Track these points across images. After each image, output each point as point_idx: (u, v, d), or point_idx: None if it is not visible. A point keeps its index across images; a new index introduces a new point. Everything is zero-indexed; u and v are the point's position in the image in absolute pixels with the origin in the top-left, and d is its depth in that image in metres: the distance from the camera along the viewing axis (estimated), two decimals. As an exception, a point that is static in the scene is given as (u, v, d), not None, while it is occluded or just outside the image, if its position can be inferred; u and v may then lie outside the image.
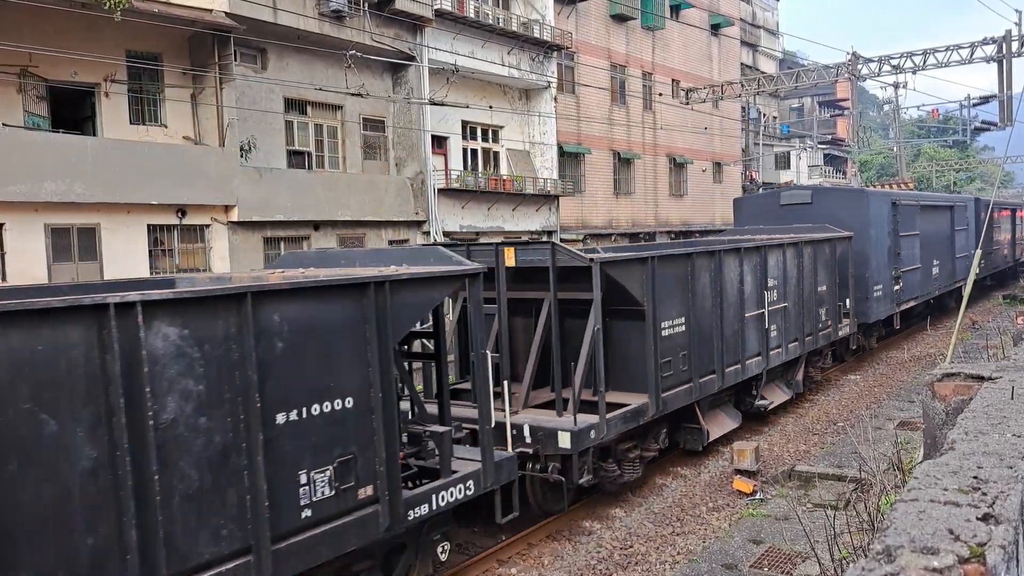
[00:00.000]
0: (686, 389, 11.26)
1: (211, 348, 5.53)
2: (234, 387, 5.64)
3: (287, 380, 6.01)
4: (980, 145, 77.94)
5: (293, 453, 6.02)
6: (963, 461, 1.54)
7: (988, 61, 25.81)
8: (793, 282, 14.75)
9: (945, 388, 2.43)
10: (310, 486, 6.15)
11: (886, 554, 1.14)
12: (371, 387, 6.63)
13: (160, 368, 5.22)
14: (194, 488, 5.39)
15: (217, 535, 5.51)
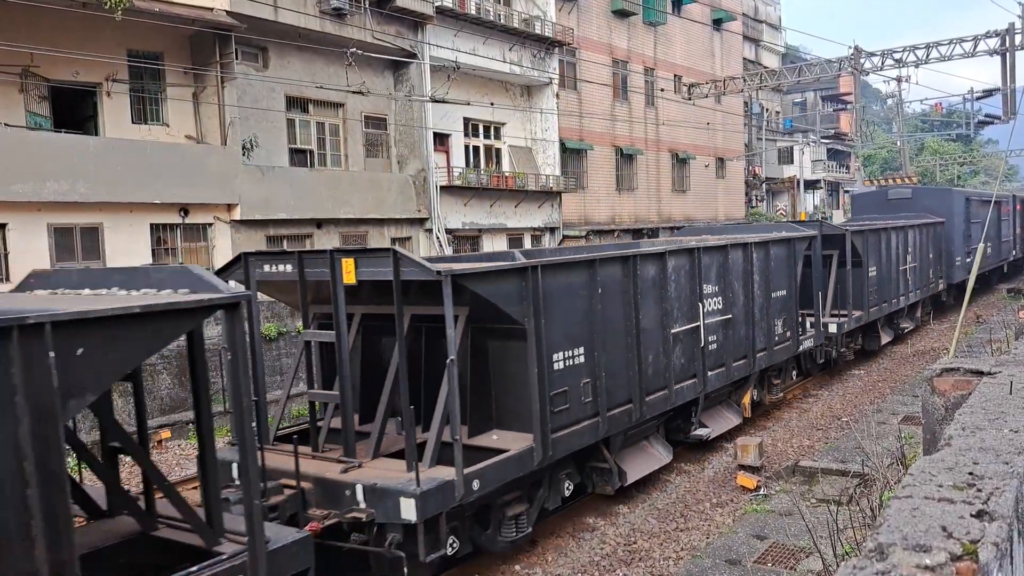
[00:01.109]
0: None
1: None
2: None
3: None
4: (984, 139, 77.70)
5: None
6: (959, 457, 1.54)
7: (991, 54, 25.73)
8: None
9: (944, 383, 2.42)
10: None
11: (878, 552, 1.14)
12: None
13: None
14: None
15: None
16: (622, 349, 9.62)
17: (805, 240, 14.76)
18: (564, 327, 8.60)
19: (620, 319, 9.62)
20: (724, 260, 11.94)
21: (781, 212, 48.21)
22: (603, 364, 9.16)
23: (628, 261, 9.75)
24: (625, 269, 9.70)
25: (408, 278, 7.60)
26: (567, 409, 8.62)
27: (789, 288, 13.66)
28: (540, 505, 8.91)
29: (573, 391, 8.71)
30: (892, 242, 19.10)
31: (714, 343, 11.70)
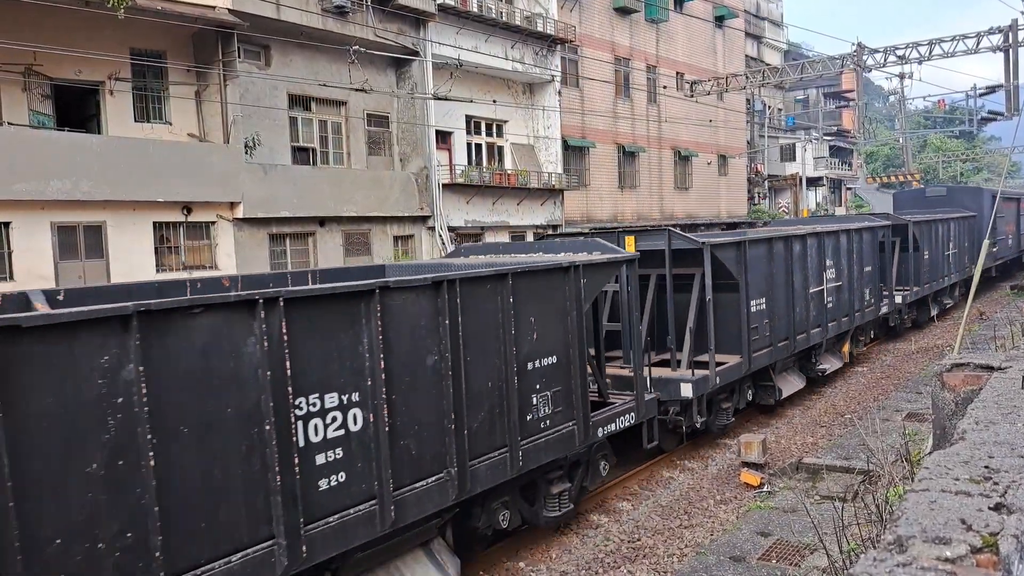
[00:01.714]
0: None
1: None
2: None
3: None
4: (986, 135, 77.59)
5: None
6: (974, 451, 1.54)
7: (994, 51, 25.68)
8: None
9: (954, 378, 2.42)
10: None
11: (898, 544, 1.14)
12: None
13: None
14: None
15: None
16: (783, 301, 13.56)
17: (882, 228, 18.94)
18: (756, 283, 12.69)
19: (782, 280, 13.52)
20: (837, 242, 15.99)
21: (783, 209, 48.16)
22: (774, 310, 13.21)
23: (787, 240, 13.71)
24: (786, 245, 13.72)
25: (676, 247, 11.59)
26: (757, 340, 12.61)
27: (873, 265, 17.14)
28: (736, 404, 12.99)
29: (760, 328, 12.72)
30: (939, 231, 22.87)
31: (831, 302, 15.61)
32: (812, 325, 14.74)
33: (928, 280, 21.63)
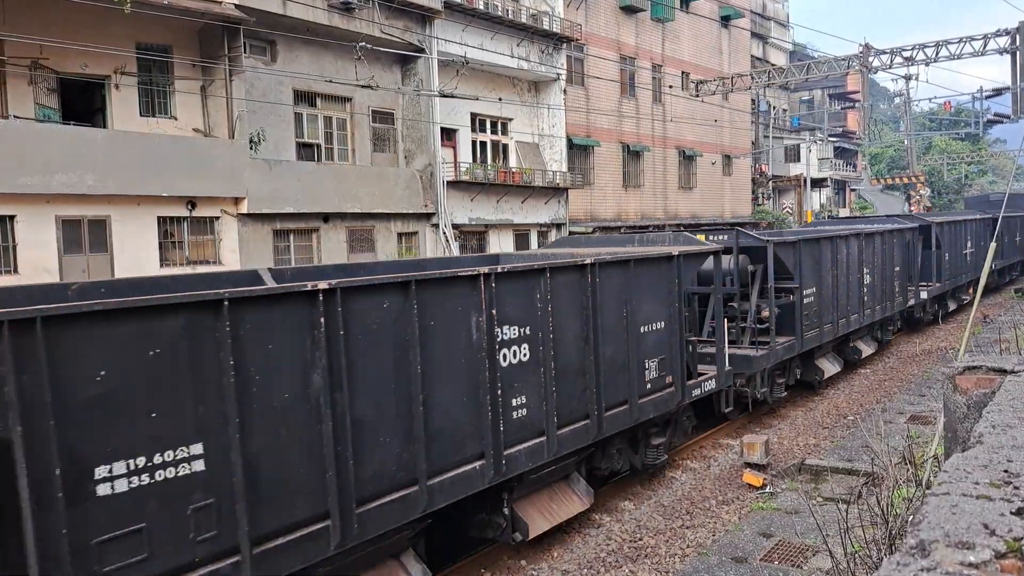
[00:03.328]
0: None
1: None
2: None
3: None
4: (992, 138, 77.35)
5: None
6: (992, 455, 1.53)
7: (1001, 53, 25.62)
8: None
9: (967, 381, 2.41)
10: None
11: (920, 548, 1.13)
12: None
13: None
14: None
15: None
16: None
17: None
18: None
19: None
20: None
21: (787, 210, 48.10)
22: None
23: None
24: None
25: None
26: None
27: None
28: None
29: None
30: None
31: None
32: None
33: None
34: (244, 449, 5.28)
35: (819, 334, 15.16)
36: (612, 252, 10.38)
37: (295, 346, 5.66)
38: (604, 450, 9.72)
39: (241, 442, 5.26)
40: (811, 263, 14.71)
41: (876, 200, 64.76)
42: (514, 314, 7.66)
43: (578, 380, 8.57)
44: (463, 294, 7.17)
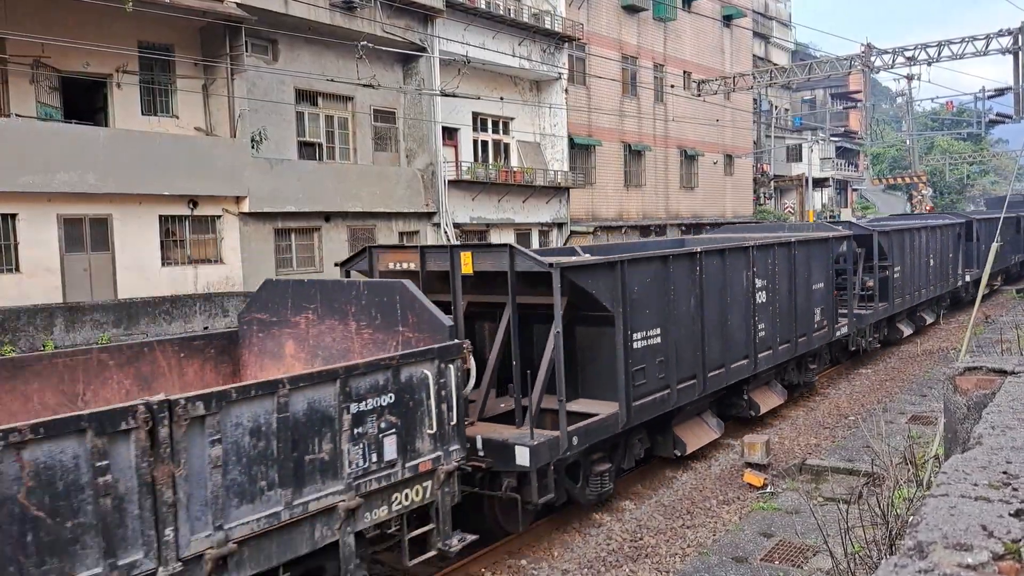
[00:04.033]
0: (900, 302, 17.85)
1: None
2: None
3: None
4: (994, 138, 77.25)
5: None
6: (991, 456, 1.52)
7: (1004, 53, 25.58)
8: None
9: (967, 382, 2.41)
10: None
11: (918, 550, 1.13)
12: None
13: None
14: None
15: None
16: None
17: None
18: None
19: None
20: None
21: (788, 210, 48.06)
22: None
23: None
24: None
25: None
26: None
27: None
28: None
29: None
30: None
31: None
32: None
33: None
34: (672, 335, 10.33)
35: (902, 302, 19.64)
36: (779, 236, 14.88)
37: (687, 283, 10.78)
38: (789, 368, 14.57)
39: (671, 331, 10.31)
40: (899, 248, 19.08)
41: (878, 200, 64.70)
42: (760, 271, 12.59)
43: (787, 317, 13.53)
44: (742, 257, 12.16)
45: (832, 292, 15.42)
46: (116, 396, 7.34)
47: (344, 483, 6.26)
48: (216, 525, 5.38)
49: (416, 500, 6.98)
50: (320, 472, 6.09)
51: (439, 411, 7.10)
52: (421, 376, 6.93)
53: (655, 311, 9.98)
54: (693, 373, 10.78)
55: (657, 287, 10.04)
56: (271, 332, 8.72)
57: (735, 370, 11.83)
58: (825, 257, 15.15)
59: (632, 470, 10.91)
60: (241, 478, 5.56)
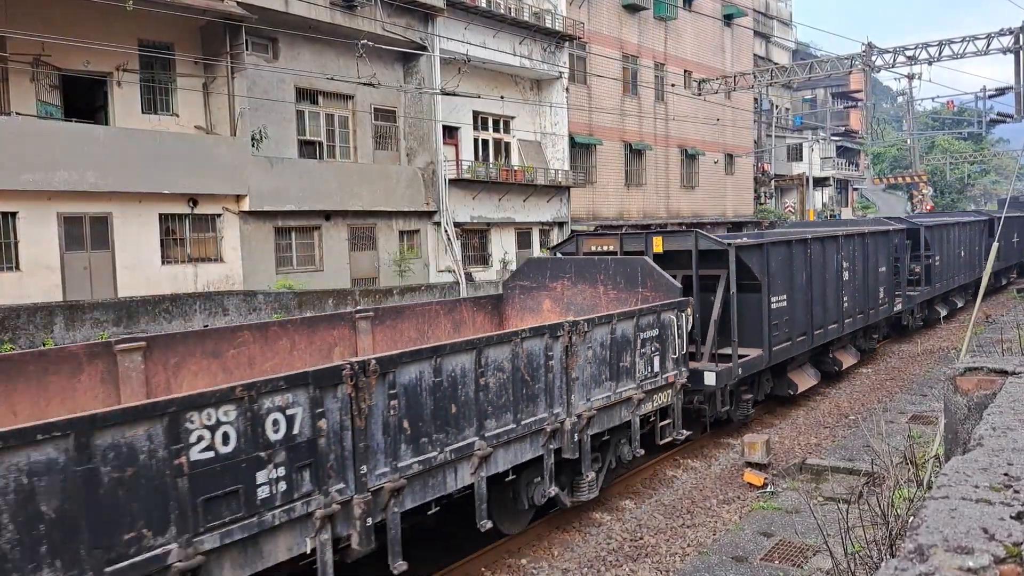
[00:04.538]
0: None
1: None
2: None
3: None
4: (995, 138, 77.18)
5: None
6: (992, 458, 1.51)
7: (1004, 52, 25.54)
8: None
9: (968, 382, 2.40)
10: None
11: (918, 553, 1.12)
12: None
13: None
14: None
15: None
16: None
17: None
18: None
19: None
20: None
21: (789, 209, 48.03)
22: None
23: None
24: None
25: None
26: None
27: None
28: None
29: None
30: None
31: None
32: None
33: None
34: (793, 300, 13.52)
35: (941, 286, 22.67)
36: (853, 229, 17.68)
37: (802, 261, 13.99)
38: (859, 335, 17.75)
39: (793, 297, 13.47)
40: (938, 241, 22.12)
41: (878, 199, 64.67)
42: (845, 255, 15.85)
43: (862, 293, 16.71)
44: (834, 244, 15.38)
45: (892, 275, 18.75)
46: (445, 333, 11.35)
47: (636, 383, 9.83)
48: (582, 400, 8.92)
49: (663, 401, 10.58)
50: (626, 374, 9.63)
51: (678, 343, 10.60)
52: (669, 319, 10.45)
53: (783, 282, 13.49)
54: (804, 331, 14.33)
55: (785, 264, 13.56)
56: (531, 294, 12.30)
57: (830, 331, 15.50)
58: (887, 246, 18.59)
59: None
60: (600, 371, 9.22)
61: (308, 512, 5.74)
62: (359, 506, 6.11)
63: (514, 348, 7.74)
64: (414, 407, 6.68)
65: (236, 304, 16.18)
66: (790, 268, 13.65)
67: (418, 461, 6.72)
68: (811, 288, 14.45)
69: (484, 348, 7.39)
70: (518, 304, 12.37)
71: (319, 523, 5.83)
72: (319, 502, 5.81)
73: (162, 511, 4.83)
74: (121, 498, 4.61)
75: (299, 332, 9.12)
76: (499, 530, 8.44)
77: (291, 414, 5.56)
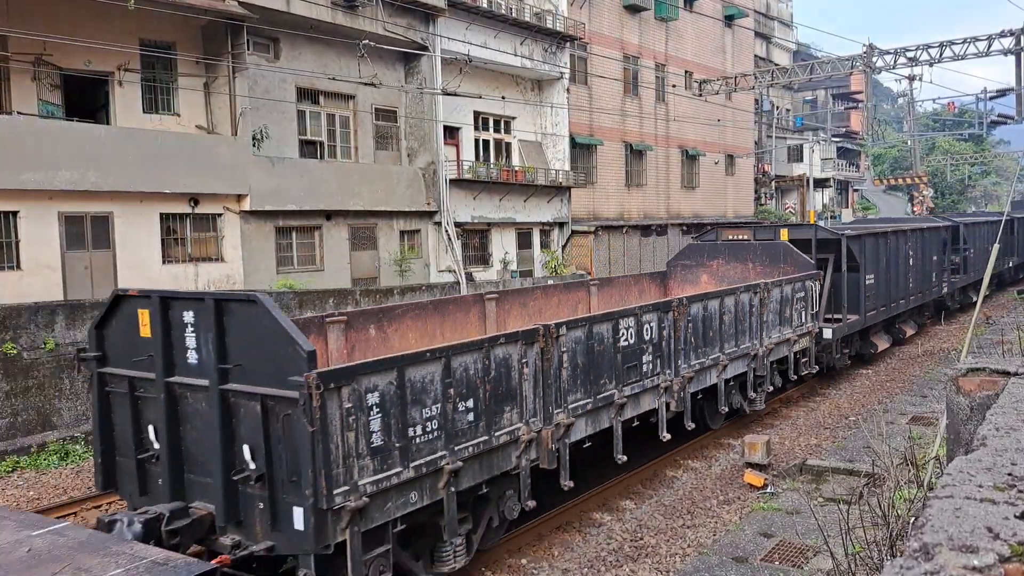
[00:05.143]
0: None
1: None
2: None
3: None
4: (996, 139, 77.18)
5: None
6: (996, 458, 1.52)
7: (1005, 54, 25.54)
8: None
9: (970, 383, 2.40)
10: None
11: (924, 552, 1.12)
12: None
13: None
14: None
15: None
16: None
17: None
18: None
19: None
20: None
21: (789, 209, 48.04)
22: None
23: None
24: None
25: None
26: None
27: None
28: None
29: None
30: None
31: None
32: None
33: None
34: (878, 279, 18.01)
35: (973, 275, 26.36)
36: (915, 224, 22.38)
37: (883, 248, 18.34)
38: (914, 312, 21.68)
39: (878, 277, 18.00)
40: (971, 236, 25.91)
41: (879, 201, 64.69)
42: (912, 245, 19.96)
43: (920, 277, 20.68)
44: (903, 236, 19.60)
45: (940, 264, 22.86)
46: (649, 296, 15.81)
47: (792, 328, 14.07)
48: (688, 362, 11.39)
49: (805, 344, 14.79)
50: (787, 322, 13.96)
51: (813, 302, 14.95)
52: (810, 286, 14.79)
53: (873, 264, 17.64)
54: (884, 303, 18.57)
55: (874, 251, 17.77)
56: (690, 270, 16.38)
57: (900, 305, 19.75)
58: (937, 240, 22.87)
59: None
60: (775, 318, 13.60)
61: (656, 384, 10.31)
62: (675, 383, 10.66)
63: (736, 298, 12.19)
64: (696, 330, 11.16)
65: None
66: (877, 254, 17.96)
67: (698, 363, 11.23)
68: (889, 270, 18.76)
69: (726, 296, 11.98)
70: (679, 278, 16.48)
71: (662, 391, 10.44)
72: (663, 378, 10.41)
73: (611, 371, 9.35)
74: (599, 361, 9.16)
75: (552, 293, 13.61)
76: (708, 425, 12.80)
77: (652, 325, 10.17)
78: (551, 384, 8.25)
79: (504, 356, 7.66)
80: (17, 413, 12.84)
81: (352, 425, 6.06)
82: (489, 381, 7.42)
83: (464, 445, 7.16)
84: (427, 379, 6.77)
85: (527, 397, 7.94)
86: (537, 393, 8.10)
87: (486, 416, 7.42)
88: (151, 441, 7.16)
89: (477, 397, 7.32)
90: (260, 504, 6.31)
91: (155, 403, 7.05)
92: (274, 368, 6.08)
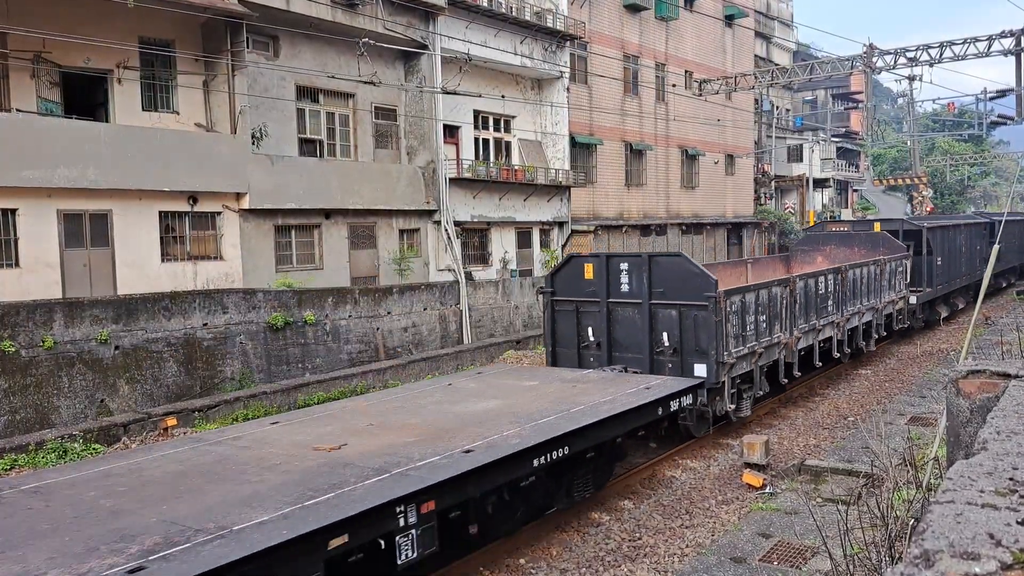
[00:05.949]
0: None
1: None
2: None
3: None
4: (995, 139, 77.14)
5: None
6: (997, 462, 1.51)
7: (1006, 54, 25.51)
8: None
9: (970, 385, 2.39)
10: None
11: (924, 558, 1.11)
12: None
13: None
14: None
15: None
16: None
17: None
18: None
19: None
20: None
21: (789, 209, 48.02)
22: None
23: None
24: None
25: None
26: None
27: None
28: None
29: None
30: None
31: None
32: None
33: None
34: (942, 261, 23.58)
35: (1007, 263, 30.76)
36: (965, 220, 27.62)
37: (946, 238, 24.28)
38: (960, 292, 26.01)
39: (943, 259, 23.80)
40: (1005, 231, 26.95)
41: (878, 201, 64.67)
42: (963, 237, 25.84)
43: (968, 261, 26.10)
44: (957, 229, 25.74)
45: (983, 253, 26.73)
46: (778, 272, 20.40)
47: (895, 292, 19.92)
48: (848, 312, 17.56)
49: (900, 307, 20.31)
50: (890, 287, 19.63)
51: (906, 276, 20.65)
52: (904, 264, 20.49)
53: (939, 250, 22.58)
54: (945, 281, 23.44)
55: (941, 240, 22.75)
56: (807, 254, 21.62)
57: (955, 283, 24.86)
58: (981, 233, 28.30)
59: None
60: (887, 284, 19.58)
61: (831, 321, 15.83)
62: (840, 322, 16.34)
63: (869, 268, 17.91)
64: (849, 289, 16.75)
65: (236, 302, 16.17)
66: (944, 242, 23.16)
67: (851, 310, 16.88)
68: (951, 256, 24.02)
69: (864, 267, 17.76)
70: (800, 259, 21.51)
71: (836, 325, 16.07)
72: (836, 316, 16.09)
73: (815, 308, 15.38)
74: (812, 302, 15.27)
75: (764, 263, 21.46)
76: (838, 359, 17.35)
77: (830, 281, 15.73)
78: (793, 310, 14.32)
79: (774, 293, 13.76)
80: (15, 411, 12.83)
81: (730, 319, 12.00)
82: (769, 306, 13.42)
83: (762, 340, 13.07)
84: (756, 299, 13.03)
85: (783, 317, 13.88)
86: (785, 315, 13.95)
87: (767, 324, 13.25)
88: (588, 337, 13.05)
89: (768, 313, 13.34)
90: (670, 364, 12.25)
91: (596, 315, 12.92)
92: (690, 290, 11.94)
